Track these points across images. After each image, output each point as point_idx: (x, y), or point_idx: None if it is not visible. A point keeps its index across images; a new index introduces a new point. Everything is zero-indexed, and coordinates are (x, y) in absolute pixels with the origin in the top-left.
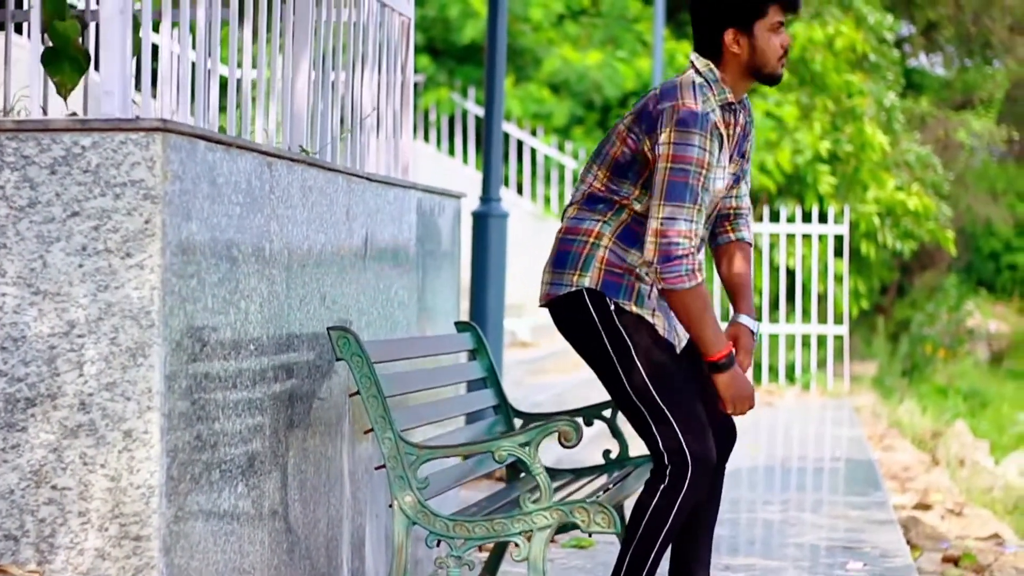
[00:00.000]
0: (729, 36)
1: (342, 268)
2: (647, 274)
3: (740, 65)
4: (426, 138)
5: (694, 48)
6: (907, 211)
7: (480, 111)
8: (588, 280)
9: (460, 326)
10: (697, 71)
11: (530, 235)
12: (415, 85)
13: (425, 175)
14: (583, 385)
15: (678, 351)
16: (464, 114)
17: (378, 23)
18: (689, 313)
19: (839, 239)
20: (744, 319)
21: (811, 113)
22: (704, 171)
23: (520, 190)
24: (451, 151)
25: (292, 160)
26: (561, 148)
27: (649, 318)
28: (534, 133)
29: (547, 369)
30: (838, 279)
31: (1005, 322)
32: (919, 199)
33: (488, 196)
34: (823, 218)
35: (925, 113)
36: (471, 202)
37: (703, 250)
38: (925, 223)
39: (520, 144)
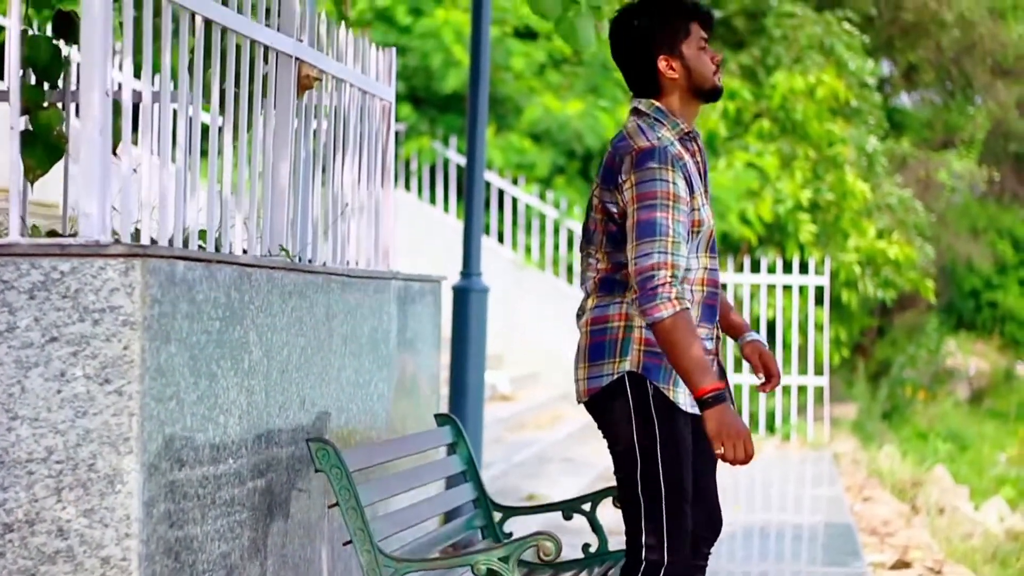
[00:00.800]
0: (662, 63)
1: (322, 369)
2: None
3: (681, 89)
4: (407, 187)
5: (632, 94)
6: (887, 260)
7: (461, 160)
8: (628, 364)
9: (440, 419)
10: (642, 113)
11: (511, 284)
12: (396, 134)
13: (406, 224)
14: (563, 442)
15: None
16: (446, 163)
17: (359, 108)
18: (674, 345)
19: (819, 289)
20: (751, 335)
21: (792, 162)
22: (671, 202)
23: (501, 238)
24: (432, 200)
25: (271, 268)
26: (543, 197)
27: (684, 400)
28: (515, 182)
29: (526, 424)
30: (818, 328)
31: (986, 359)
32: (900, 248)
33: (469, 271)
34: (803, 268)
35: (907, 154)
36: (454, 254)
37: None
38: (906, 272)
39: (501, 193)
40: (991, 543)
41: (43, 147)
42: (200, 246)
